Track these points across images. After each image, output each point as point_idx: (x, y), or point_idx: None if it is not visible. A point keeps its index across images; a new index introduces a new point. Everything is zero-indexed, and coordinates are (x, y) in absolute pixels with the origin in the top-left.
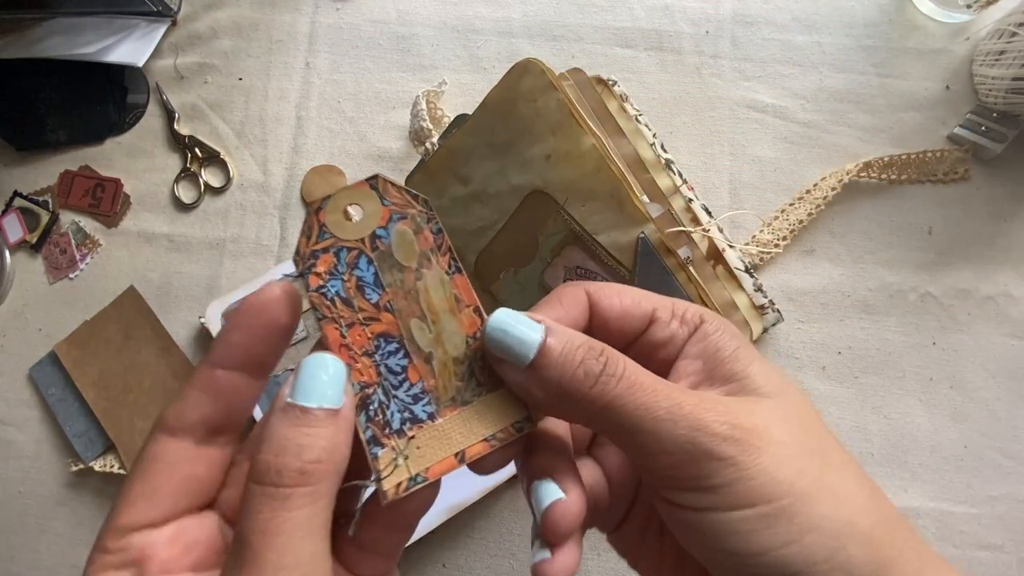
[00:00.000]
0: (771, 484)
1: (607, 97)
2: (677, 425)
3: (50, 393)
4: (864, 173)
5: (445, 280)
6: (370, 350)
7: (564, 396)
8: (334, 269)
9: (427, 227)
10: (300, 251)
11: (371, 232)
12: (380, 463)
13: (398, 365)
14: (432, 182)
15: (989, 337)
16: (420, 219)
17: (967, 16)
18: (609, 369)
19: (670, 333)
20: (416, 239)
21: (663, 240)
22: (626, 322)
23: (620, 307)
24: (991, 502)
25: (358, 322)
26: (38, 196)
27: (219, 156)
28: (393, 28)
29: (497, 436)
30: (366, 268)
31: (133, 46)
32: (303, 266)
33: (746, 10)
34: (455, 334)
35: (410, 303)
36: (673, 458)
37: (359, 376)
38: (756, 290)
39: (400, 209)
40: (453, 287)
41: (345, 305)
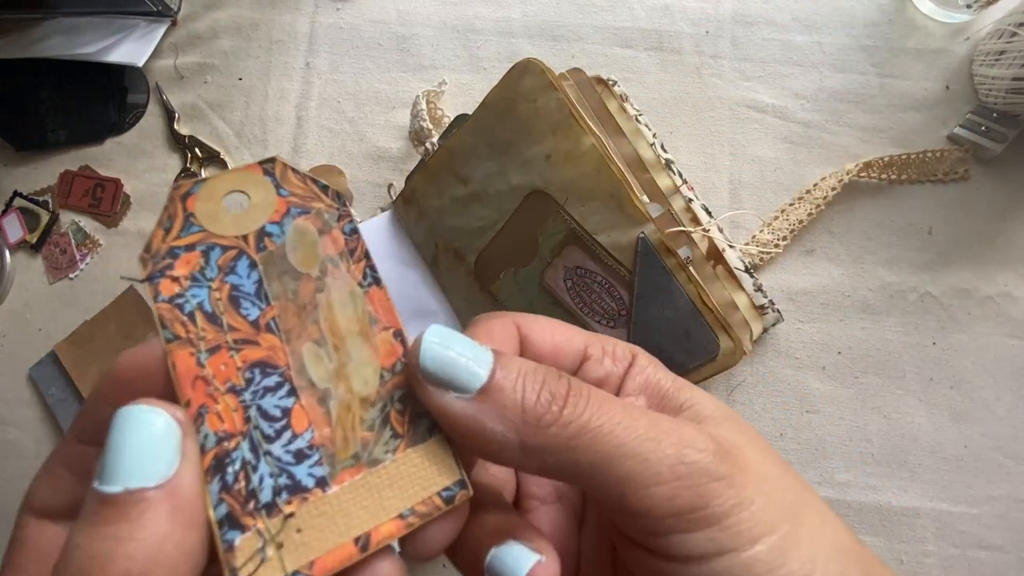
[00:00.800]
0: (769, 508)
1: (607, 97)
2: (662, 444)
3: (50, 393)
4: (864, 173)
5: (357, 293)
6: (238, 385)
7: (526, 426)
8: (199, 273)
9: (337, 226)
10: (151, 247)
11: (259, 228)
12: (236, 557)
13: (278, 408)
14: (432, 182)
15: (989, 337)
16: (329, 216)
17: (967, 16)
18: (575, 389)
19: (604, 371)
20: (320, 240)
21: (663, 240)
22: (559, 359)
23: (552, 343)
24: (991, 502)
25: (225, 345)
26: (38, 196)
27: (219, 156)
28: (393, 28)
29: (417, 511)
30: (246, 274)
31: (133, 46)
32: (153, 267)
33: (746, 10)
34: (365, 365)
35: (304, 322)
36: (667, 487)
37: (216, 423)
38: (756, 290)
39: (302, 202)
40: (367, 303)
41: (209, 322)
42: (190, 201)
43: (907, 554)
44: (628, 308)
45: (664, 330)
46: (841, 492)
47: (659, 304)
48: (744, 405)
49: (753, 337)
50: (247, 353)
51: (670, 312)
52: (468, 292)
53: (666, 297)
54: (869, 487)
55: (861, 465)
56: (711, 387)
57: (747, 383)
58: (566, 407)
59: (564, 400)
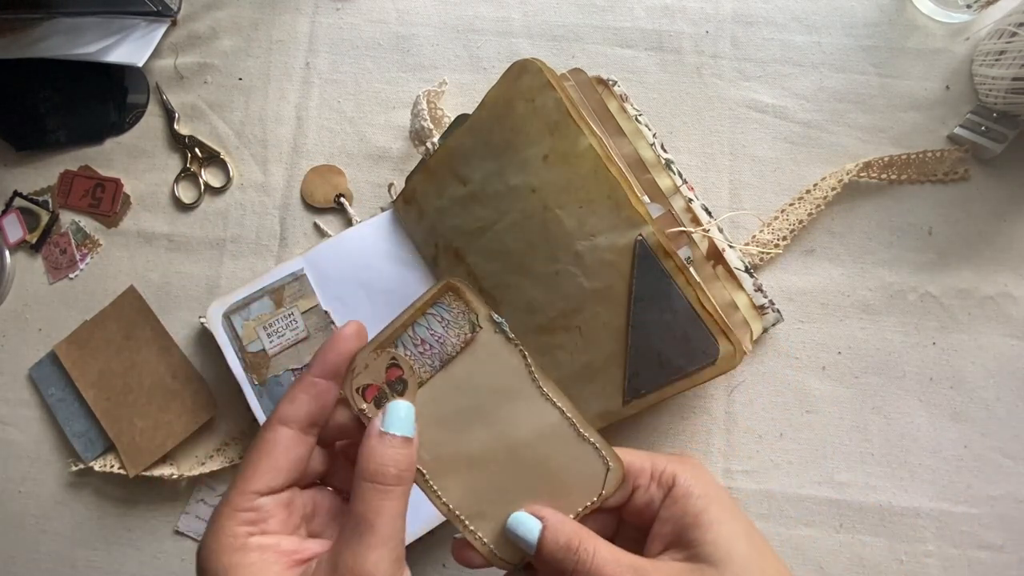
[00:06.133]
0: None
1: (607, 97)
2: None
3: (50, 393)
4: (864, 173)
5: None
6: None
7: (556, 569)
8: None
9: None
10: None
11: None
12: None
13: None
14: (432, 182)
15: (989, 337)
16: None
17: (967, 16)
18: (583, 554)
19: (648, 498)
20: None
21: (661, 242)
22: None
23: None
24: (991, 502)
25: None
26: (38, 196)
27: (219, 156)
28: (393, 28)
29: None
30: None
31: (133, 46)
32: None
33: (746, 10)
34: None
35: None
36: None
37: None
38: (756, 290)
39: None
40: None
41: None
42: None
43: (907, 554)
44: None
45: (663, 333)
46: (841, 492)
47: (658, 307)
48: (744, 405)
49: (753, 337)
50: None
51: (669, 315)
52: None
53: (665, 300)
54: (869, 487)
55: (861, 465)
56: (711, 388)
57: (747, 383)
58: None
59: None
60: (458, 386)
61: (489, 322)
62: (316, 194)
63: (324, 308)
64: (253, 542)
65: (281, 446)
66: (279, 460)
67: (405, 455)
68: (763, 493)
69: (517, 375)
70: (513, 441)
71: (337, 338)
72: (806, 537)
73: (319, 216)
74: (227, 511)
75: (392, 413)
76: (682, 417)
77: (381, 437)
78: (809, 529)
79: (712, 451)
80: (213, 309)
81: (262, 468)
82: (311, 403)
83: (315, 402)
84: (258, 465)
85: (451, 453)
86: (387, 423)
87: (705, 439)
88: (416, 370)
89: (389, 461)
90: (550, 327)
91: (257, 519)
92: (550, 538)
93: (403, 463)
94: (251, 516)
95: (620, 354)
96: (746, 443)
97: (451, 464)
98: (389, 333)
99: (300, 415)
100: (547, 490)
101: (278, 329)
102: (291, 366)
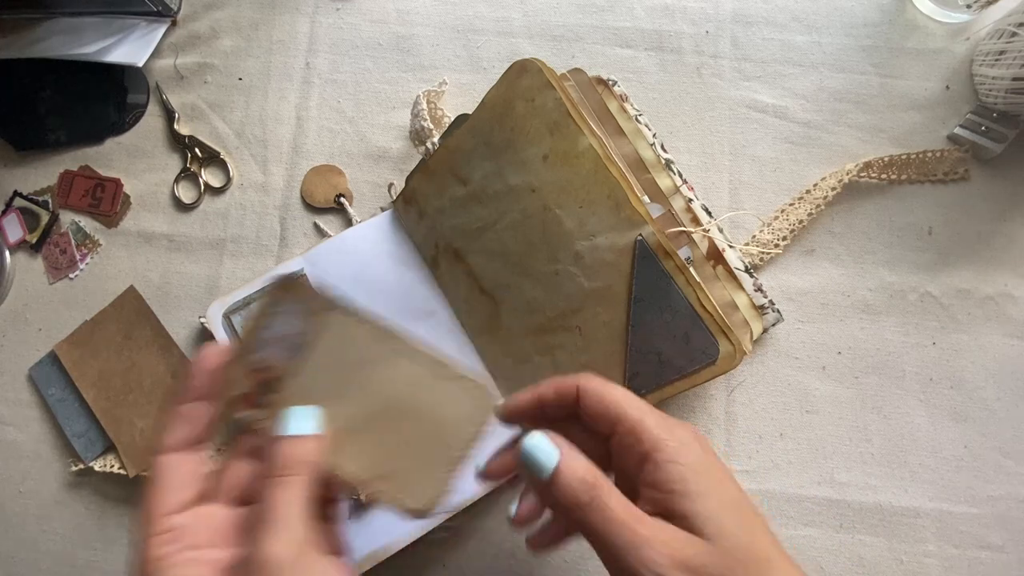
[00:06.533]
0: None
1: (607, 97)
2: (628, 555)
3: (50, 393)
4: (864, 173)
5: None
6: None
7: (565, 505)
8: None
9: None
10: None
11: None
12: None
13: None
14: (432, 182)
15: (989, 337)
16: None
17: (967, 16)
18: (600, 491)
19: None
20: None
21: (661, 242)
22: (598, 421)
23: (599, 408)
24: (991, 502)
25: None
26: (38, 196)
27: (219, 156)
28: (393, 28)
29: None
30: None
31: (133, 46)
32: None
33: (746, 10)
34: None
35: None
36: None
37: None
38: (756, 290)
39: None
40: None
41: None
42: None
43: (907, 554)
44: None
45: (663, 333)
46: (841, 492)
47: (658, 307)
48: (744, 405)
49: (753, 337)
50: None
51: (669, 315)
52: (468, 293)
53: (665, 300)
54: (869, 487)
55: (861, 465)
56: (711, 388)
57: (747, 383)
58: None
59: (589, 499)
60: (323, 368)
61: (330, 304)
62: (316, 194)
63: None
64: (178, 558)
65: (174, 466)
66: (178, 478)
67: (308, 451)
68: (763, 493)
69: (373, 341)
70: (388, 400)
71: (197, 363)
72: (806, 537)
73: (319, 216)
74: (146, 540)
75: (293, 417)
76: (682, 417)
77: (289, 440)
78: (809, 529)
79: None
80: (213, 309)
81: (163, 490)
82: (188, 428)
83: (191, 426)
84: (159, 489)
85: (336, 429)
86: (290, 426)
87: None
88: (281, 366)
89: (291, 458)
90: (550, 327)
91: (176, 537)
92: (568, 467)
93: (305, 456)
94: (169, 536)
95: (620, 354)
96: (746, 443)
97: (339, 440)
98: (243, 343)
99: (182, 440)
100: (435, 432)
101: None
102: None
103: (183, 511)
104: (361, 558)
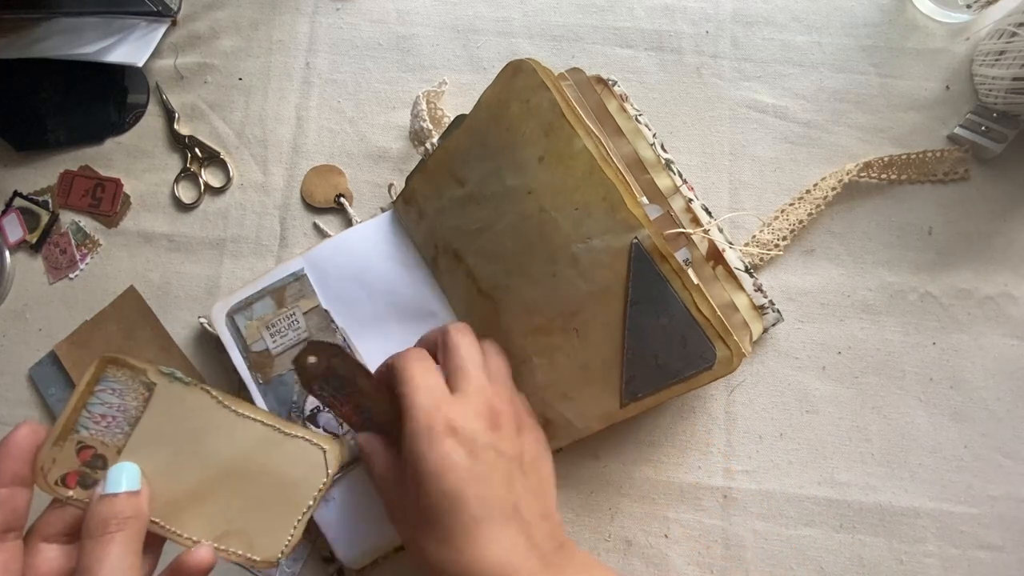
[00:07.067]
0: None
1: (607, 97)
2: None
3: (50, 393)
4: (864, 173)
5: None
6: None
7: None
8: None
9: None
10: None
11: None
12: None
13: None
14: (431, 182)
15: (989, 337)
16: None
17: (967, 16)
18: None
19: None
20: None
21: (657, 245)
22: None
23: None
24: (991, 502)
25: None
26: (38, 196)
27: (219, 156)
28: (393, 28)
29: None
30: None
31: (133, 46)
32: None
33: (746, 10)
34: None
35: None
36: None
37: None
38: (756, 290)
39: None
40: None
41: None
42: None
43: (907, 554)
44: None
45: (660, 337)
46: (841, 492)
47: (654, 311)
48: (744, 405)
49: (753, 337)
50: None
51: (665, 319)
52: (467, 293)
53: (661, 304)
54: (869, 487)
55: (861, 465)
56: (711, 388)
57: (747, 383)
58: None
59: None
60: (155, 439)
61: (159, 375)
62: (316, 194)
63: (324, 308)
64: None
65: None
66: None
67: (128, 506)
68: (763, 493)
69: (207, 409)
70: (227, 463)
71: (7, 446)
72: (806, 537)
73: (319, 216)
74: None
75: (111, 476)
76: (682, 417)
77: (100, 500)
78: (809, 529)
79: (712, 451)
80: (217, 309)
81: None
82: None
83: (4, 514)
84: None
85: (175, 495)
86: (107, 486)
87: (705, 439)
88: (108, 442)
89: (109, 515)
90: (548, 328)
91: None
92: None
93: (125, 512)
94: None
95: (617, 357)
96: (746, 443)
97: (179, 504)
98: (63, 423)
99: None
100: (278, 491)
101: (280, 329)
102: (291, 367)
103: None
104: (362, 552)
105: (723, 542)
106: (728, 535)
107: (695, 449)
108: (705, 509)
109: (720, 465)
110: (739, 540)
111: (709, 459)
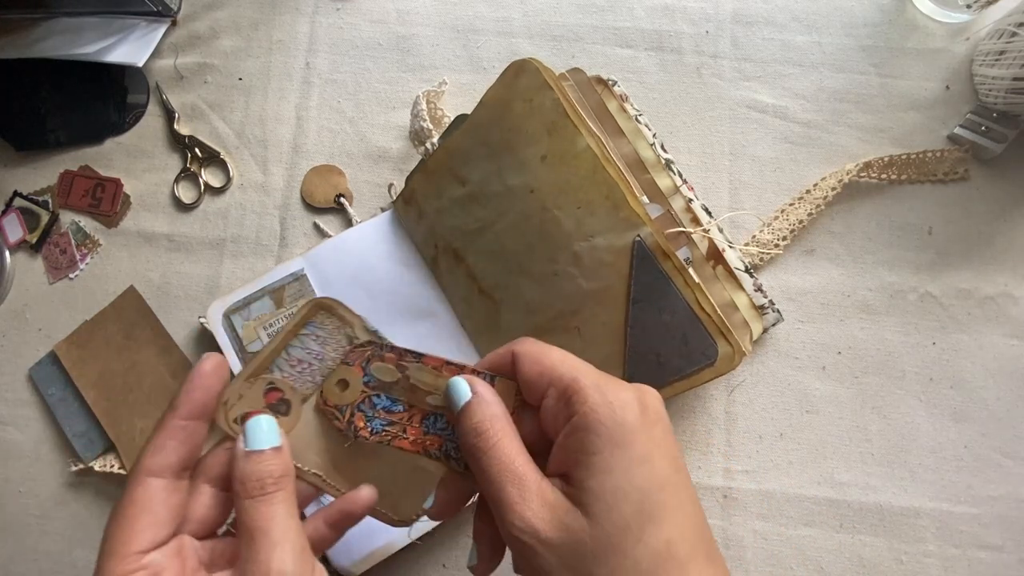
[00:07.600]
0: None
1: (607, 97)
2: (498, 509)
3: (50, 393)
4: (864, 173)
5: (423, 368)
6: (424, 432)
7: (464, 441)
8: (367, 417)
9: (386, 352)
10: (342, 428)
11: (360, 386)
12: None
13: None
14: (431, 182)
15: (989, 337)
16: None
17: (967, 16)
18: (483, 441)
19: (554, 412)
20: (385, 363)
21: (659, 243)
22: (532, 384)
23: (535, 371)
24: (991, 502)
25: (405, 424)
26: (38, 196)
27: (219, 156)
28: (393, 28)
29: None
30: (380, 399)
31: (133, 46)
32: (354, 433)
33: (746, 10)
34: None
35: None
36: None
37: (432, 445)
38: (756, 290)
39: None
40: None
41: (389, 425)
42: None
43: (907, 554)
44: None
45: (661, 334)
46: (841, 492)
47: (656, 308)
48: (744, 405)
49: (753, 337)
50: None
51: (667, 317)
52: (467, 293)
53: (663, 301)
54: (869, 487)
55: (861, 465)
56: (711, 388)
57: (747, 383)
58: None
59: (478, 438)
60: None
61: (365, 332)
62: (316, 194)
63: None
64: None
65: (157, 499)
66: (158, 514)
67: (277, 464)
68: (763, 493)
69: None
70: None
71: (199, 375)
72: (806, 537)
73: (319, 216)
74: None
75: (251, 431)
76: (682, 417)
77: (247, 456)
78: (809, 529)
79: (712, 451)
80: (213, 309)
81: (140, 526)
82: (180, 448)
83: (184, 447)
84: (135, 523)
85: (344, 452)
86: (249, 442)
87: (705, 439)
88: (297, 389)
89: (264, 474)
90: (549, 327)
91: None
92: (467, 412)
93: (277, 471)
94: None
95: (619, 355)
96: (746, 443)
97: (345, 461)
98: (261, 360)
99: (170, 463)
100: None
101: (279, 329)
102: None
103: (157, 548)
104: (360, 558)
105: (723, 542)
106: (728, 535)
107: (695, 449)
108: (705, 509)
109: (720, 465)
110: (739, 540)
111: (709, 459)
